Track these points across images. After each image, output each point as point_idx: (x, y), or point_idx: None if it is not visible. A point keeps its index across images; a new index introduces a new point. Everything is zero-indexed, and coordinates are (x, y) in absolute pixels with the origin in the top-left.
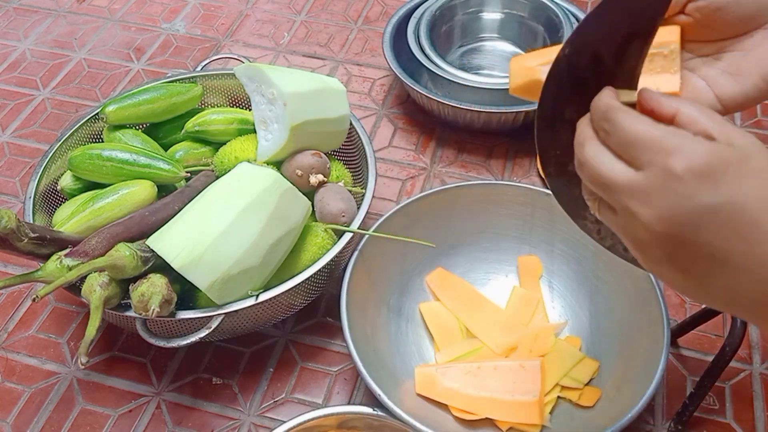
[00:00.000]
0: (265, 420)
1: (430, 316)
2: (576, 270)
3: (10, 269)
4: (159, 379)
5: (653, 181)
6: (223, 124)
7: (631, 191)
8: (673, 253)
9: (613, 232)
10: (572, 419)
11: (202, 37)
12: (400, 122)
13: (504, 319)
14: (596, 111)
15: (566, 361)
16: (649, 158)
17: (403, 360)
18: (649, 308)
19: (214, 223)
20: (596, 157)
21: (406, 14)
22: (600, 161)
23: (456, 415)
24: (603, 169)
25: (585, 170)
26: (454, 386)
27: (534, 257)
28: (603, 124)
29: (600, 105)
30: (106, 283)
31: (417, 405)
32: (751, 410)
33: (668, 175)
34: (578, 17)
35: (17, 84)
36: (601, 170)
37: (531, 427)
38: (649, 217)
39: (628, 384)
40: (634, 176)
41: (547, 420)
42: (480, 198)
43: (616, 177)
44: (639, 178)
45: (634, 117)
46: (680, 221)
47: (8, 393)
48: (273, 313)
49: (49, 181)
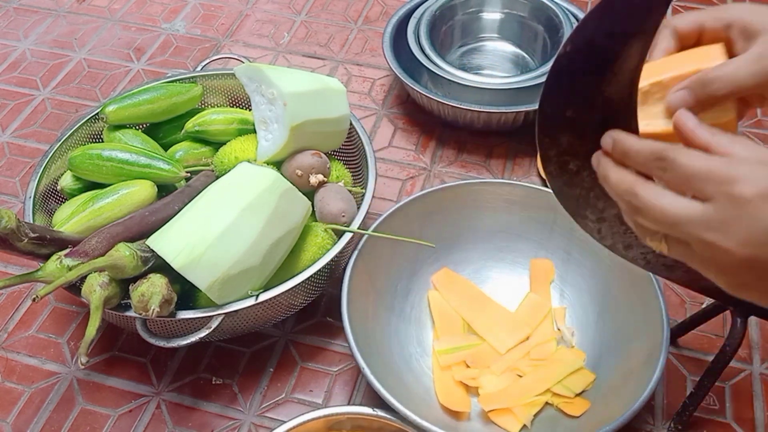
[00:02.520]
0: (265, 420)
1: (436, 304)
2: (589, 281)
3: (10, 269)
4: (159, 379)
5: (725, 210)
6: (223, 124)
7: (707, 224)
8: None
9: (613, 232)
10: (555, 426)
11: (202, 37)
12: (400, 122)
13: (511, 320)
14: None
15: (563, 369)
16: (715, 189)
17: (404, 357)
18: (649, 308)
19: (214, 223)
20: (658, 198)
21: (406, 14)
22: (664, 201)
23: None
24: (669, 209)
25: (648, 214)
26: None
27: (547, 261)
28: (658, 164)
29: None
30: (106, 283)
31: (416, 401)
32: (751, 410)
33: (739, 201)
34: (578, 17)
35: (17, 84)
36: (667, 210)
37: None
38: (731, 244)
39: (622, 392)
40: (704, 209)
41: (529, 422)
42: (499, 197)
43: (688, 213)
44: (710, 210)
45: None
46: (762, 241)
47: (8, 393)
48: (273, 313)
49: (49, 181)
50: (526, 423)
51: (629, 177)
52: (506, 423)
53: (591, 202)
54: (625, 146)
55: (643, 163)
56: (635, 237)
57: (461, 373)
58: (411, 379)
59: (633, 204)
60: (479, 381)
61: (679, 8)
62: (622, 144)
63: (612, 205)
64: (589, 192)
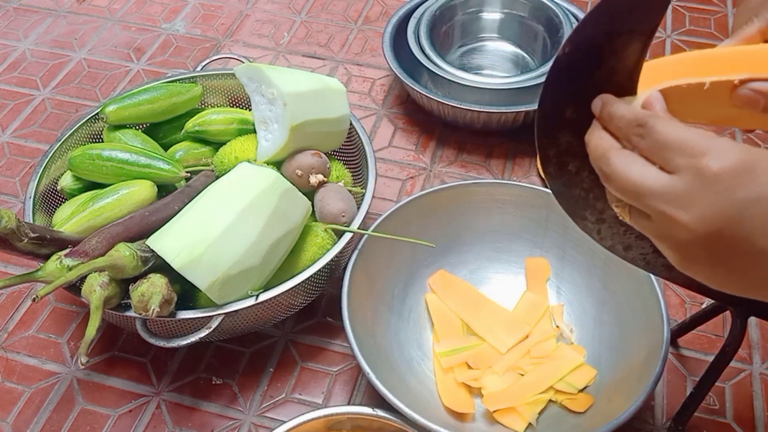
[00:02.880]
0: (265, 420)
1: (434, 307)
2: (585, 278)
3: (10, 269)
4: (159, 379)
5: (690, 183)
6: (223, 124)
7: (669, 196)
8: (715, 252)
9: (613, 233)
10: (560, 423)
11: (202, 37)
12: (400, 122)
13: (510, 320)
14: (624, 119)
15: (564, 366)
16: (683, 161)
17: (405, 359)
18: (649, 308)
19: (214, 223)
20: (626, 165)
21: (406, 14)
22: (631, 170)
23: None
24: (635, 178)
25: (614, 181)
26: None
27: (542, 259)
28: (636, 130)
29: (628, 114)
30: (106, 283)
31: (419, 402)
32: (751, 410)
33: (705, 175)
34: (578, 17)
35: (17, 84)
36: (633, 179)
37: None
38: (690, 219)
39: (625, 389)
40: (669, 180)
41: (534, 420)
42: (493, 197)
43: (651, 184)
44: (675, 182)
45: (670, 121)
46: (722, 218)
47: (8, 393)
48: (273, 313)
49: (49, 181)
50: (532, 421)
51: (607, 142)
52: (511, 422)
53: (590, 203)
54: (611, 109)
55: (624, 127)
56: (635, 238)
57: (463, 374)
58: (414, 382)
59: (603, 169)
60: (482, 382)
61: (679, 8)
62: (608, 107)
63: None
64: (589, 193)
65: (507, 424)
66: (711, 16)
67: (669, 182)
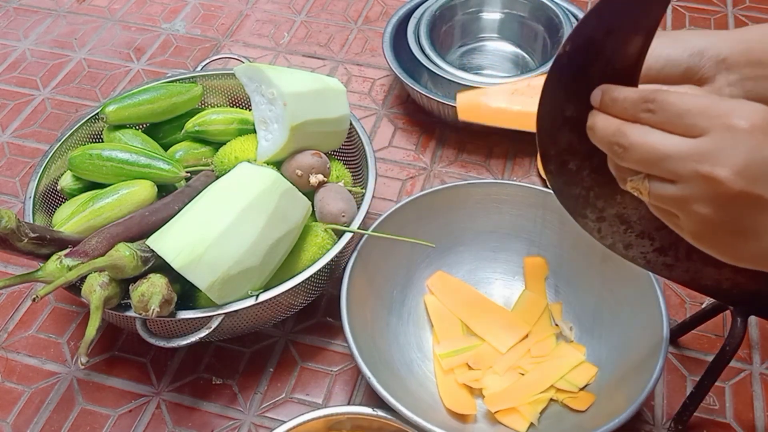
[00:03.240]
0: (265, 420)
1: (434, 309)
2: (583, 276)
3: (10, 269)
4: (159, 379)
5: (722, 141)
6: (223, 124)
7: (701, 156)
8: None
9: (613, 231)
10: (562, 422)
11: (202, 37)
12: (400, 122)
13: (509, 319)
14: (628, 99)
15: (565, 364)
16: (709, 123)
17: (405, 361)
18: (649, 308)
19: (214, 223)
20: (645, 135)
21: (406, 14)
22: (652, 137)
23: (450, 409)
24: (659, 145)
25: (633, 152)
26: (501, 105)
27: (540, 258)
28: (645, 106)
29: (633, 93)
30: (106, 283)
31: (420, 405)
32: (751, 410)
33: (736, 132)
34: (578, 17)
35: (17, 84)
36: (656, 146)
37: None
38: (727, 174)
39: (625, 387)
40: (698, 142)
41: (536, 420)
42: (489, 197)
43: (678, 148)
44: (705, 143)
45: (679, 93)
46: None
47: (8, 393)
48: (273, 313)
49: (49, 181)
50: (533, 421)
51: (615, 121)
52: (513, 422)
53: (591, 202)
54: (614, 94)
55: (630, 107)
56: (635, 236)
57: (464, 375)
58: (415, 384)
59: (620, 143)
60: (483, 382)
61: (679, 8)
62: (610, 93)
63: (612, 205)
64: (589, 191)
65: (509, 425)
66: (711, 16)
67: (697, 143)
